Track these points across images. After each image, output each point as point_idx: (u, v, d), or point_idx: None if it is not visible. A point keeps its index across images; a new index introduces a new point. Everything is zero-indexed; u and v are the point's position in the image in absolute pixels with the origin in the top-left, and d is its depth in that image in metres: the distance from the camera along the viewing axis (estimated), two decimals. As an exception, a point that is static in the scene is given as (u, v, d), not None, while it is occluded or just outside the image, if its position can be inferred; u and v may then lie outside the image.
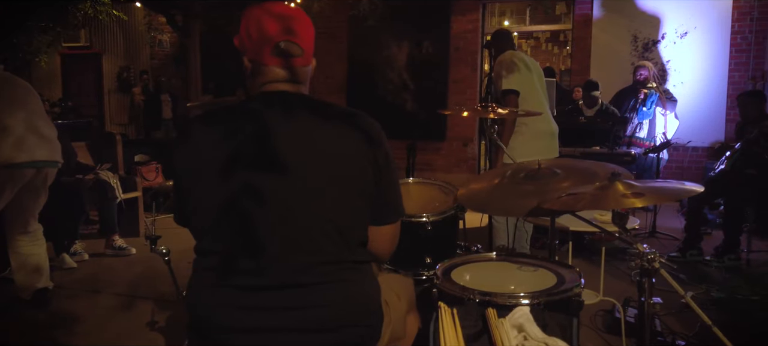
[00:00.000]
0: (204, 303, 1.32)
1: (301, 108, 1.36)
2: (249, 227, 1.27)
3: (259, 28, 1.36)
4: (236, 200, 1.27)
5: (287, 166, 1.28)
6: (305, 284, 1.28)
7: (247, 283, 1.27)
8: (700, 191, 1.61)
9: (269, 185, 1.27)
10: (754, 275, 3.89)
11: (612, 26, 7.19)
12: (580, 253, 4.27)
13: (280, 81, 1.39)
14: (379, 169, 1.36)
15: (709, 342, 2.70)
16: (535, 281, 1.78)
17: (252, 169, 1.28)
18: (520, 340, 1.50)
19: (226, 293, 1.29)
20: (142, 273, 4.01)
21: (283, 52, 1.37)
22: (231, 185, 1.28)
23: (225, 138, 1.32)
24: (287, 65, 1.38)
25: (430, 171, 7.79)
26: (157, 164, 6.11)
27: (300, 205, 1.28)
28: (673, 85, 6.84)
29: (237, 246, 1.28)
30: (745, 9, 6.70)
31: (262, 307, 1.27)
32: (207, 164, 1.31)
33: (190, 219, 1.37)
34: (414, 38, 7.79)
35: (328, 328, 1.30)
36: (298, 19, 1.39)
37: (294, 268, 1.28)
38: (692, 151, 6.80)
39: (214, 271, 1.31)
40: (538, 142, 3.49)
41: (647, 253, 1.58)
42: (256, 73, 1.40)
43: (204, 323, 1.33)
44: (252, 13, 1.39)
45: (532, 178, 2.05)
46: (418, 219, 2.28)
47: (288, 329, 1.27)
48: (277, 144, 1.29)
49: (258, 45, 1.37)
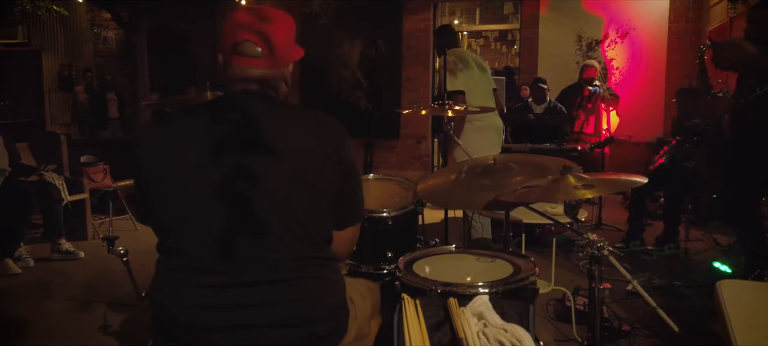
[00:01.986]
0: (173, 302, 1.32)
1: (270, 109, 1.37)
2: (220, 224, 1.28)
3: (231, 26, 1.37)
4: (213, 196, 1.28)
5: (260, 165, 1.30)
6: (277, 281, 1.30)
7: (218, 281, 1.28)
8: (645, 182, 1.72)
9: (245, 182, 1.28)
10: (691, 263, 4.13)
11: (558, 26, 7.43)
12: (532, 245, 4.42)
13: (246, 81, 1.40)
14: (344, 172, 1.40)
15: (652, 326, 2.87)
16: (492, 271, 1.86)
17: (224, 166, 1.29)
18: (481, 327, 1.56)
19: (196, 292, 1.29)
20: (95, 276, 3.89)
21: (240, 52, 1.38)
22: (201, 183, 1.28)
23: (204, 129, 1.32)
24: (251, 65, 1.39)
25: (385, 169, 7.85)
26: (105, 165, 5.91)
27: (272, 204, 1.30)
28: (615, 83, 7.15)
29: (208, 243, 1.29)
30: (680, 10, 7.07)
31: (234, 304, 1.28)
32: (178, 161, 1.31)
33: (155, 216, 1.36)
34: (367, 37, 7.83)
35: (299, 323, 1.33)
36: (271, 22, 1.39)
37: (265, 265, 1.30)
38: (634, 146, 7.11)
39: (183, 269, 1.31)
40: (485, 137, 3.65)
41: (596, 241, 1.67)
42: (225, 70, 1.41)
43: (172, 322, 1.33)
44: (229, 11, 1.41)
45: (488, 172, 2.12)
46: (378, 214, 2.32)
47: (259, 326, 1.29)
48: (250, 141, 1.31)
49: (227, 42, 1.38)
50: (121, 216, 5.18)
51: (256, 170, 1.29)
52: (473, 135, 3.62)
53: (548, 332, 2.87)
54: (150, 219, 1.40)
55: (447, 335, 1.58)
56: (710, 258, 4.03)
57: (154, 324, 1.38)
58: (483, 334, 1.52)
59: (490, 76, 4.02)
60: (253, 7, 1.42)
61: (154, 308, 1.37)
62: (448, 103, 2.72)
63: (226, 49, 1.39)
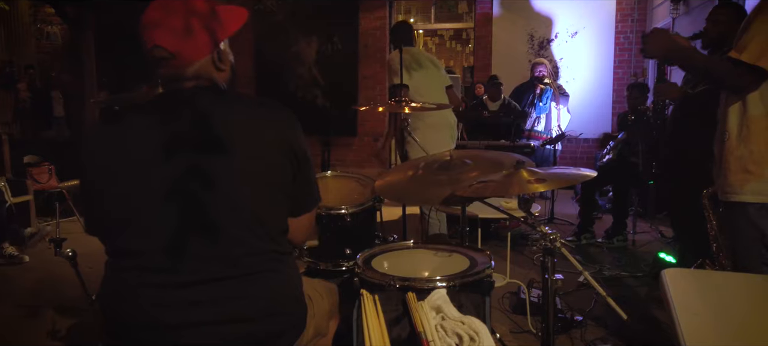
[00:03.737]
0: (126, 303, 1.29)
1: (218, 103, 1.35)
2: (174, 222, 1.26)
3: (141, 31, 1.33)
4: (162, 194, 1.25)
5: (212, 157, 1.28)
6: (232, 277, 1.29)
7: (172, 279, 1.26)
8: (594, 175, 1.78)
9: (191, 187, 1.26)
10: (638, 254, 4.30)
11: (510, 25, 7.59)
12: (487, 240, 4.50)
13: (177, 80, 1.35)
14: (296, 159, 1.38)
15: (602, 315, 2.97)
16: (450, 265, 1.89)
17: (175, 164, 1.27)
18: (439, 320, 1.59)
19: (150, 292, 1.26)
20: (42, 280, 3.75)
21: (152, 61, 1.34)
22: (159, 178, 1.26)
23: (150, 128, 1.29)
24: (171, 67, 1.34)
25: (343, 166, 7.84)
26: (50, 166, 5.69)
27: (226, 197, 1.28)
28: (566, 81, 7.35)
29: (161, 244, 1.26)
30: (626, 11, 7.33)
31: (189, 302, 1.26)
32: (130, 159, 1.28)
33: (104, 218, 1.33)
34: (323, 34, 7.79)
35: (256, 318, 1.31)
36: (157, 22, 1.32)
37: (220, 261, 1.28)
38: (584, 143, 7.34)
39: (135, 270, 1.28)
40: (439, 134, 3.72)
41: (549, 234, 1.72)
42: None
43: (126, 324, 1.30)
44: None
45: (444, 168, 2.16)
46: (337, 211, 2.32)
47: (215, 322, 1.27)
48: (201, 134, 1.28)
49: (145, 49, 1.34)
50: (68, 218, 4.99)
51: (207, 169, 1.27)
52: (427, 132, 3.67)
53: (504, 325, 2.93)
54: (98, 226, 1.36)
55: (406, 330, 1.60)
56: (656, 249, 4.21)
57: (106, 326, 1.34)
58: (441, 327, 1.55)
59: (443, 74, 4.08)
60: (155, 4, 1.34)
61: (106, 310, 1.34)
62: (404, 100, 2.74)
63: (147, 56, 1.36)
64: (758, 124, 1.86)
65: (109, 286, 1.34)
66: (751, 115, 1.87)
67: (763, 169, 1.86)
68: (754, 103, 1.87)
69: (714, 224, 2.34)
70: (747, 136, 1.88)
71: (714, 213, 2.32)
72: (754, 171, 1.87)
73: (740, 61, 1.79)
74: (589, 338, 2.74)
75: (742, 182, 1.89)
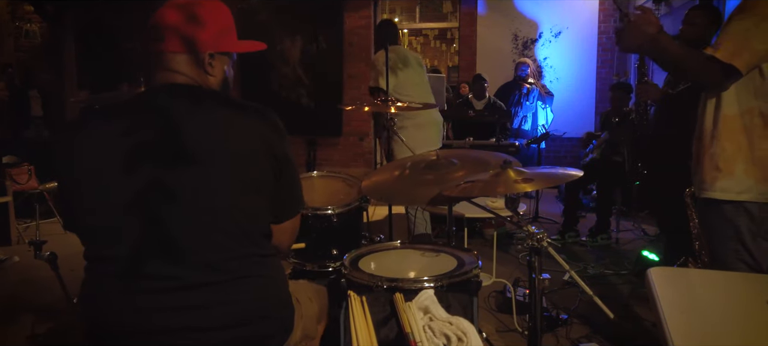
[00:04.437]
0: (107, 310, 1.27)
1: (196, 107, 1.32)
2: (156, 226, 1.23)
3: (154, 25, 1.34)
4: (142, 198, 1.23)
5: (192, 160, 1.25)
6: (215, 282, 1.27)
7: (155, 285, 1.24)
8: (580, 175, 1.79)
9: (175, 182, 1.24)
10: (622, 252, 4.34)
11: (495, 25, 7.62)
12: (473, 239, 4.52)
13: (169, 72, 1.35)
14: (279, 165, 1.37)
15: (587, 314, 3.00)
16: (437, 266, 1.88)
17: (158, 164, 1.24)
18: (427, 321, 1.58)
19: (132, 297, 1.24)
20: (20, 283, 3.68)
21: (149, 44, 1.34)
22: (135, 182, 1.23)
23: (127, 132, 1.26)
24: (161, 54, 1.35)
25: (328, 166, 7.81)
26: (30, 166, 5.58)
27: (205, 201, 1.26)
28: (550, 81, 7.40)
29: (142, 247, 1.24)
30: (609, 11, 7.40)
31: (172, 308, 1.24)
32: (107, 160, 1.25)
33: (81, 221, 1.30)
34: (308, 33, 7.75)
35: (241, 323, 1.30)
36: (197, 22, 1.34)
37: (203, 266, 1.26)
38: (567, 142, 7.40)
39: (116, 275, 1.25)
40: (425, 133, 3.72)
41: (536, 233, 1.73)
42: (147, 62, 1.36)
43: (108, 330, 1.27)
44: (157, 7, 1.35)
45: (431, 168, 2.15)
46: (323, 212, 2.31)
47: (200, 328, 1.25)
48: (180, 138, 1.26)
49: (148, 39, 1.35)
50: (48, 219, 4.91)
51: (185, 174, 1.25)
52: (414, 131, 3.66)
53: (490, 324, 2.94)
54: (74, 226, 1.34)
55: (394, 331, 1.59)
56: (639, 247, 4.25)
57: (88, 331, 1.32)
58: (429, 328, 1.54)
59: (424, 75, 4.06)
60: (181, 4, 1.35)
61: (86, 317, 1.31)
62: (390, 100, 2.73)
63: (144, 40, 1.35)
64: (732, 123, 1.88)
65: (89, 290, 1.31)
66: (725, 114, 1.89)
67: (732, 167, 1.88)
68: (729, 102, 1.89)
69: (696, 222, 2.36)
70: (719, 135, 1.91)
71: (696, 211, 2.35)
72: (723, 168, 1.89)
73: (714, 57, 1.80)
74: (575, 337, 2.76)
75: (713, 179, 1.91)
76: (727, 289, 1.53)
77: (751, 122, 1.85)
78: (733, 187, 1.88)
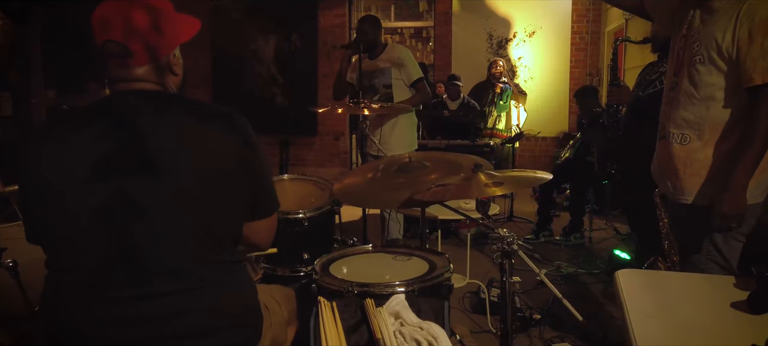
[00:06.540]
0: (71, 320, 1.23)
1: (161, 112, 1.29)
2: (121, 236, 1.20)
3: (96, 22, 1.28)
4: (107, 207, 1.19)
5: (159, 168, 1.22)
6: (183, 290, 1.24)
7: (121, 294, 1.20)
8: (550, 178, 1.79)
9: (142, 190, 1.21)
10: (595, 251, 4.40)
11: (470, 24, 7.64)
12: (447, 240, 4.52)
13: (127, 81, 1.30)
14: (251, 168, 1.34)
15: (560, 313, 3.02)
16: (409, 270, 1.87)
17: (124, 172, 1.21)
18: (397, 326, 1.57)
19: (98, 307, 1.21)
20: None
21: (103, 57, 1.29)
22: (102, 191, 1.19)
23: (92, 141, 1.22)
24: (126, 69, 1.29)
25: (302, 166, 7.75)
26: (-6, 168, 5.42)
27: (173, 209, 1.23)
28: (524, 81, 7.45)
29: (107, 257, 1.20)
30: (582, 11, 7.48)
31: (140, 317, 1.21)
32: (72, 170, 1.21)
33: (44, 231, 1.26)
34: (282, 32, 7.69)
35: (209, 332, 1.27)
36: (113, 16, 1.27)
37: (171, 274, 1.23)
38: (542, 141, 7.46)
39: (81, 285, 1.22)
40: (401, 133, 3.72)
41: (507, 236, 1.73)
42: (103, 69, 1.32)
43: (70, 340, 1.24)
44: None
45: (403, 171, 2.14)
46: (294, 216, 2.28)
47: (167, 337, 1.23)
48: (147, 147, 1.23)
49: (97, 41, 1.29)
50: (11, 223, 4.77)
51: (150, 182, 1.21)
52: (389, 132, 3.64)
53: (464, 324, 2.94)
54: (37, 237, 1.29)
55: (364, 337, 1.57)
56: (611, 246, 4.31)
57: (49, 341, 1.28)
58: (400, 333, 1.53)
59: (410, 68, 4.05)
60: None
61: (47, 328, 1.28)
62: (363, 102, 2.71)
63: (97, 51, 1.30)
64: (719, 129, 1.90)
65: (52, 300, 1.27)
66: (715, 121, 1.90)
67: (714, 172, 1.90)
68: (718, 109, 1.89)
69: (665, 222, 2.39)
70: (709, 141, 1.92)
71: (665, 212, 2.38)
72: (706, 175, 1.91)
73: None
74: (548, 337, 2.77)
75: (695, 184, 1.93)
76: (692, 291, 1.55)
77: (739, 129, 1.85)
78: (712, 193, 1.90)
